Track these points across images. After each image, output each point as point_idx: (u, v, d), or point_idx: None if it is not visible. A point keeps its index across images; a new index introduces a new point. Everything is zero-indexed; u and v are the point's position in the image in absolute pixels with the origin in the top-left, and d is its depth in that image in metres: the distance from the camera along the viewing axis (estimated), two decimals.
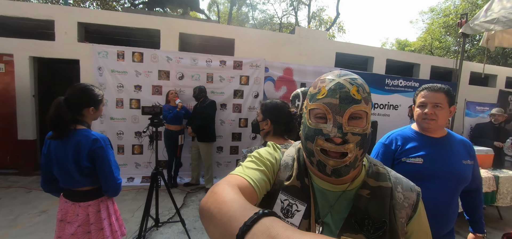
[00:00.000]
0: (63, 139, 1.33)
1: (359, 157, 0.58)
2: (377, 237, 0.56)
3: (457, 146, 1.27)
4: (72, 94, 1.37)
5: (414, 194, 0.63)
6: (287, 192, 0.62)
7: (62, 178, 1.38)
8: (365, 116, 0.57)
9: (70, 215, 1.39)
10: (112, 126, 4.04)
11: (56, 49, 4.16)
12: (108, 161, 1.37)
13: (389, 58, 5.63)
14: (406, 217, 0.60)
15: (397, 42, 19.49)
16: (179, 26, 4.52)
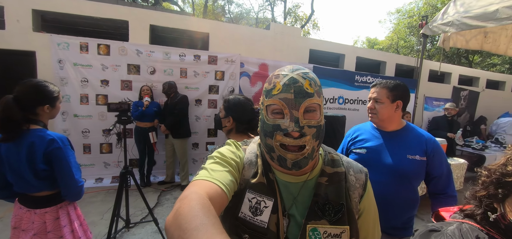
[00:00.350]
0: (14, 141, 1.21)
1: (315, 148, 0.60)
2: (337, 219, 0.60)
3: (409, 141, 1.27)
4: (22, 91, 1.25)
5: (363, 175, 0.70)
6: (254, 190, 0.62)
7: (16, 182, 1.26)
8: (318, 109, 0.60)
9: (25, 222, 1.28)
10: (77, 124, 3.75)
11: (6, 39, 3.74)
12: (67, 162, 1.27)
13: (359, 56, 5.95)
14: (358, 197, 0.67)
15: (367, 40, 20.60)
16: (150, 18, 4.31)
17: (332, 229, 0.59)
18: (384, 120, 1.33)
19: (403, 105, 1.31)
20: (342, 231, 0.60)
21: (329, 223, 0.60)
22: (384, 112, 1.31)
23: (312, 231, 0.59)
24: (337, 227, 0.60)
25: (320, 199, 0.61)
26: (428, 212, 3.52)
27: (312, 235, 0.59)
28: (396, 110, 1.30)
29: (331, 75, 4.80)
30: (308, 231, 0.59)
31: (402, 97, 1.30)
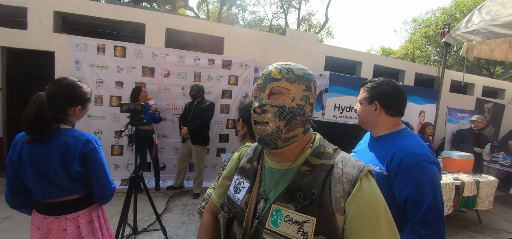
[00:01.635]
0: (42, 142, 1.11)
1: (282, 128, 0.64)
2: (304, 207, 0.58)
3: (382, 149, 1.10)
4: (56, 90, 1.17)
5: (356, 170, 0.60)
6: (239, 173, 0.76)
7: (42, 187, 1.14)
8: (286, 93, 0.65)
9: (55, 232, 1.15)
10: (90, 124, 3.76)
11: (28, 39, 3.83)
12: (103, 164, 1.20)
13: (376, 64, 5.74)
14: (342, 192, 0.57)
15: (382, 49, 20.17)
16: (166, 21, 4.33)
17: (296, 215, 0.58)
18: (363, 122, 1.19)
19: (384, 107, 1.10)
20: (305, 220, 0.57)
21: (295, 209, 0.59)
22: (361, 115, 1.18)
23: (276, 211, 0.61)
24: (301, 215, 0.58)
25: (294, 185, 0.63)
26: (455, 233, 3.23)
27: (275, 215, 0.60)
28: (376, 112, 1.11)
29: (347, 83, 4.62)
30: (272, 210, 0.61)
31: (380, 98, 1.10)
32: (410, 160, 0.95)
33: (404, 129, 1.13)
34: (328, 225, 0.55)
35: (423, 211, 0.88)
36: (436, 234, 0.87)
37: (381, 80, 1.14)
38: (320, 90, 4.82)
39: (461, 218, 3.69)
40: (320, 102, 4.65)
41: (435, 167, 0.96)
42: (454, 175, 3.38)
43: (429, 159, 0.96)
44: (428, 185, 0.90)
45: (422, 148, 0.99)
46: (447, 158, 3.65)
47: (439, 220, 0.88)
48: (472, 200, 3.28)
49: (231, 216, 0.69)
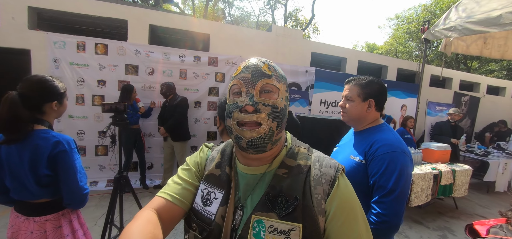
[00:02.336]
0: (20, 142, 1.09)
1: (274, 130, 0.59)
2: (287, 214, 0.54)
3: (362, 141, 1.17)
4: (28, 87, 1.13)
5: (332, 170, 0.60)
6: (207, 182, 0.64)
7: (15, 188, 1.13)
8: (277, 92, 0.60)
9: (23, 233, 1.14)
10: (72, 125, 3.63)
11: (1, 37, 3.61)
12: (74, 167, 1.15)
13: (360, 60, 5.89)
14: (323, 193, 0.57)
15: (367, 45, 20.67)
16: (150, 18, 4.22)
17: (280, 224, 0.54)
18: (354, 119, 1.24)
19: (376, 104, 1.19)
20: (291, 228, 0.53)
21: (278, 217, 0.55)
22: (354, 111, 1.21)
23: (257, 223, 0.55)
24: (286, 223, 0.54)
25: (273, 190, 0.58)
26: (433, 220, 3.42)
27: (257, 227, 0.55)
28: (369, 109, 1.19)
29: (333, 79, 4.72)
30: (252, 222, 0.55)
31: (374, 96, 1.19)
32: (384, 149, 1.05)
33: (383, 124, 1.21)
34: (314, 229, 0.54)
35: (383, 193, 0.98)
36: (389, 215, 0.95)
37: (372, 79, 1.20)
38: (307, 86, 4.90)
39: (439, 205, 3.91)
40: (306, 98, 4.73)
41: (406, 157, 1.04)
42: (432, 165, 3.56)
43: (401, 150, 1.05)
44: (395, 173, 0.98)
45: (398, 141, 1.09)
46: (426, 149, 3.84)
47: (395, 205, 0.96)
48: (449, 188, 3.48)
49: (206, 235, 0.59)
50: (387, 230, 0.97)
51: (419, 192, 3.17)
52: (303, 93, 4.77)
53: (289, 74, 4.79)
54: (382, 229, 0.96)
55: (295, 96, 4.61)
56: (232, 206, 0.60)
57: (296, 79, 4.86)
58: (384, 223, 0.95)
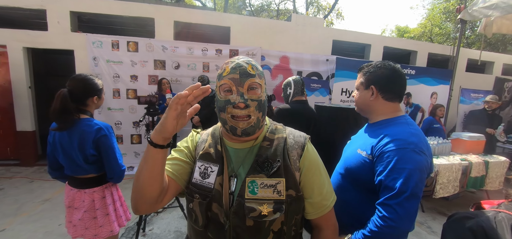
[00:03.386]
0: (67, 130, 1.36)
1: (260, 119, 0.75)
2: (273, 172, 0.72)
3: (372, 134, 1.04)
4: (74, 85, 1.39)
5: (302, 138, 0.81)
6: (203, 159, 0.78)
7: (67, 165, 1.42)
8: (259, 87, 0.75)
9: (77, 201, 1.45)
10: (110, 116, 4.06)
11: (49, 39, 4.12)
12: (113, 148, 1.41)
13: (386, 46, 5.61)
14: (297, 155, 0.77)
15: (397, 29, 19.24)
16: (174, 15, 4.46)
17: (268, 180, 0.72)
18: (361, 109, 1.13)
19: (381, 91, 1.04)
20: (277, 182, 0.72)
21: (266, 176, 0.72)
22: (358, 100, 1.13)
23: (251, 183, 0.72)
24: (273, 179, 0.72)
25: (260, 158, 0.75)
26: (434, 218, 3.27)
27: (251, 186, 0.71)
28: (373, 97, 1.05)
29: (355, 67, 4.59)
30: (247, 183, 0.72)
31: (376, 82, 1.04)
32: (394, 145, 0.91)
33: (402, 116, 1.04)
34: (293, 180, 0.73)
35: (389, 194, 0.86)
36: (397, 220, 0.82)
37: (378, 63, 1.07)
38: (327, 75, 4.84)
39: (469, 198, 3.72)
40: (327, 87, 4.68)
41: (421, 156, 0.90)
42: (462, 156, 3.38)
43: (415, 148, 0.90)
44: (404, 172, 0.86)
45: (412, 136, 0.93)
46: (457, 139, 3.63)
47: (405, 209, 0.83)
48: (480, 180, 3.29)
49: (209, 200, 0.72)
50: (394, 236, 0.85)
51: (445, 183, 3.06)
52: (324, 82, 4.72)
53: (309, 64, 4.77)
54: (388, 235, 0.84)
55: (315, 86, 4.59)
56: (227, 175, 0.75)
57: (316, 69, 4.82)
58: (390, 228, 0.83)
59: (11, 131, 4.24)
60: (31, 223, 2.60)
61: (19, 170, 4.10)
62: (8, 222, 2.60)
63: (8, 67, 4.08)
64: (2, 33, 4.01)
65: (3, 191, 3.31)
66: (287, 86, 2.28)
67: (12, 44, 4.02)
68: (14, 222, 2.60)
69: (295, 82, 2.24)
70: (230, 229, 0.71)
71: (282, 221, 0.72)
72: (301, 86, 2.24)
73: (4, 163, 4.27)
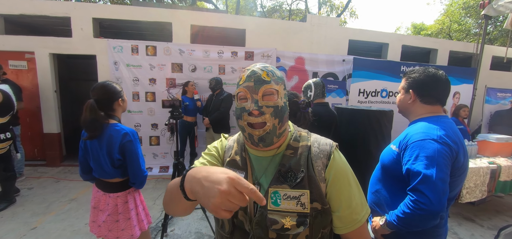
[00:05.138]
0: (99, 137, 1.42)
1: (277, 126, 0.72)
2: (297, 184, 0.69)
3: (405, 131, 1.16)
4: (98, 93, 1.45)
5: (328, 146, 0.75)
6: (230, 165, 0.78)
7: (96, 169, 1.48)
8: (276, 94, 0.73)
9: (102, 203, 1.52)
10: (130, 119, 4.19)
11: (73, 45, 4.30)
12: (136, 154, 1.45)
13: (404, 44, 5.45)
14: (322, 165, 0.72)
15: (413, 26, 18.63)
16: (190, 18, 4.54)
17: (292, 192, 0.69)
18: (401, 111, 1.27)
19: (418, 95, 1.16)
20: (301, 194, 0.69)
21: (290, 187, 0.69)
22: (399, 104, 1.26)
23: (274, 193, 0.70)
24: (296, 191, 0.69)
25: (283, 168, 0.72)
26: (489, 218, 3.13)
27: (274, 197, 0.69)
28: (412, 101, 1.18)
29: (372, 67, 4.50)
30: (270, 194, 0.70)
31: (414, 87, 1.16)
32: (417, 137, 1.04)
33: (436, 116, 1.13)
34: (318, 192, 0.70)
35: (417, 180, 0.97)
36: (430, 204, 0.93)
37: (420, 69, 1.19)
38: (344, 76, 4.76)
39: (497, 203, 3.53)
40: (343, 88, 4.61)
41: (442, 146, 1.00)
42: (490, 158, 3.22)
43: (437, 138, 1.01)
44: (426, 159, 0.98)
45: (436, 129, 1.04)
46: (483, 141, 3.46)
47: (433, 192, 0.93)
48: (510, 184, 3.12)
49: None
50: (427, 217, 0.95)
51: (472, 187, 2.93)
52: (340, 83, 4.65)
53: (324, 64, 4.71)
54: (421, 216, 0.95)
55: (332, 87, 4.53)
56: (251, 183, 0.75)
57: (332, 69, 4.75)
58: (422, 210, 0.94)
59: (38, 133, 4.46)
60: (59, 222, 2.72)
61: (46, 170, 4.31)
62: (39, 221, 2.73)
63: (35, 72, 4.30)
64: (31, 40, 4.24)
65: (32, 190, 3.49)
66: (307, 89, 2.26)
67: (39, 51, 4.24)
68: (43, 221, 2.74)
69: (315, 84, 2.22)
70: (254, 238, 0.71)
71: (307, 235, 0.68)
72: (321, 89, 2.22)
73: (32, 163, 4.50)
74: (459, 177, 1.06)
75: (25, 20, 4.50)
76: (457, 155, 1.01)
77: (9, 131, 2.86)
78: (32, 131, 4.46)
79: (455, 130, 1.09)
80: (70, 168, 4.46)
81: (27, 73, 4.34)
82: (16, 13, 4.20)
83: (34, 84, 4.34)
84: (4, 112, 2.76)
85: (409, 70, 1.23)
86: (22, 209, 2.97)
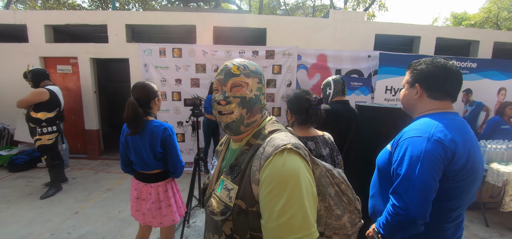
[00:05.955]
0: (140, 133, 1.55)
1: (245, 115, 0.76)
2: (234, 178, 0.73)
3: (403, 129, 1.05)
4: (138, 92, 1.58)
5: (272, 149, 0.67)
6: (215, 155, 0.94)
7: (137, 162, 1.63)
8: (245, 86, 0.77)
9: (144, 194, 1.66)
10: (158, 117, 4.44)
11: (109, 50, 4.73)
12: (175, 146, 1.60)
13: (439, 37, 5.02)
14: (258, 166, 0.68)
15: (453, 16, 16.97)
16: (213, 20, 4.70)
17: (229, 184, 0.74)
18: (406, 108, 1.12)
19: (426, 90, 1.01)
20: (232, 188, 0.73)
21: (230, 180, 0.74)
22: (403, 99, 1.11)
23: (221, 181, 0.77)
24: (231, 184, 0.73)
25: (235, 161, 0.77)
26: (501, 234, 2.77)
27: (221, 184, 0.77)
28: (417, 96, 1.02)
29: (401, 62, 4.23)
30: (219, 181, 0.78)
31: (421, 80, 1.01)
32: (407, 135, 0.94)
33: (441, 112, 0.98)
34: (245, 192, 0.69)
35: (396, 182, 0.89)
36: (405, 209, 0.85)
37: (427, 60, 1.03)
38: (369, 73, 4.55)
39: None
40: (368, 85, 4.41)
41: (433, 145, 0.87)
42: None
43: (430, 136, 0.89)
44: (410, 159, 0.88)
45: (433, 127, 0.91)
46: None
47: (411, 195, 0.85)
48: None
49: (204, 187, 0.89)
50: (404, 223, 0.87)
51: None
52: (365, 80, 4.45)
53: (348, 61, 4.54)
54: (399, 222, 0.87)
55: (356, 85, 4.36)
56: (217, 170, 0.86)
57: (357, 66, 4.57)
58: (399, 215, 0.87)
59: (81, 129, 4.99)
60: (97, 209, 3.03)
61: (87, 162, 4.81)
62: (80, 207, 3.08)
63: (78, 75, 4.81)
64: (75, 46, 4.74)
65: (76, 180, 3.93)
66: (326, 86, 2.22)
67: (82, 56, 4.73)
68: (85, 207, 3.08)
69: (335, 82, 2.18)
70: (206, 216, 0.83)
71: (231, 227, 0.70)
72: (341, 86, 2.17)
73: (75, 156, 5.05)
74: (463, 182, 0.91)
75: (70, 29, 5.05)
76: (453, 156, 0.88)
77: (55, 124, 3.31)
78: (75, 127, 5.00)
79: (462, 129, 0.94)
80: (107, 161, 4.92)
81: (71, 76, 4.88)
82: (63, 24, 4.73)
83: (77, 86, 4.86)
84: (51, 108, 3.24)
85: (413, 62, 1.08)
86: (67, 195, 3.37)
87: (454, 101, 1.02)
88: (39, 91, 3.14)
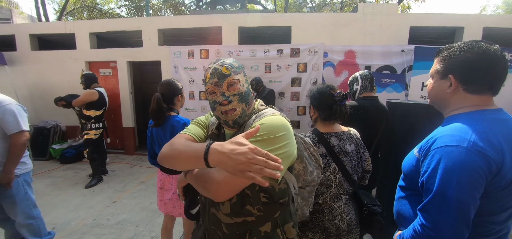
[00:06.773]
0: (162, 125, 1.69)
1: (245, 108, 0.86)
2: None
3: (433, 132, 0.87)
4: (163, 89, 1.73)
5: (263, 116, 0.83)
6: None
7: None
8: (238, 82, 0.85)
9: (166, 184, 1.79)
10: (186, 116, 4.63)
11: (144, 53, 5.09)
12: None
13: (487, 27, 4.48)
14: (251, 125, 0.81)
15: (505, 3, 15.00)
16: (238, 21, 4.79)
17: None
18: (434, 102, 0.93)
19: (463, 82, 0.81)
20: None
21: None
22: (431, 92, 0.92)
23: None
24: None
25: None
26: None
27: None
28: (451, 89, 0.83)
29: None
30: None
31: (456, 70, 0.82)
32: (441, 142, 0.77)
33: (484, 111, 0.80)
34: None
35: (427, 198, 0.76)
36: (434, 228, 0.73)
37: (462, 45, 0.82)
38: (403, 68, 4.24)
39: None
40: (402, 82, 4.11)
41: (472, 157, 0.71)
42: None
43: (469, 146, 0.72)
44: (443, 173, 0.73)
45: (471, 133, 0.74)
46: None
47: (444, 216, 0.72)
48: None
49: None
50: None
51: None
52: (398, 76, 4.16)
53: (379, 57, 4.29)
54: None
55: (387, 81, 4.10)
56: None
57: (389, 62, 4.29)
58: (428, 236, 0.74)
59: (119, 127, 5.45)
60: (132, 199, 3.29)
61: (124, 157, 5.23)
62: (118, 197, 3.36)
63: (117, 78, 5.26)
64: (114, 51, 5.20)
65: (114, 172, 4.30)
66: (353, 82, 2.13)
67: (120, 60, 5.16)
68: (121, 197, 3.36)
69: (362, 77, 2.08)
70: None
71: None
72: (370, 82, 2.06)
73: (114, 151, 5.53)
74: (510, 197, 0.77)
75: (110, 36, 5.55)
76: (499, 170, 0.72)
77: (102, 121, 3.80)
78: (115, 125, 5.48)
79: (506, 132, 0.76)
80: (141, 156, 5.30)
81: (111, 79, 5.35)
82: (104, 31, 5.22)
83: (116, 87, 5.32)
84: (99, 107, 3.73)
85: (444, 47, 0.88)
86: (107, 186, 3.71)
87: (495, 95, 0.83)
88: (90, 92, 3.61)
